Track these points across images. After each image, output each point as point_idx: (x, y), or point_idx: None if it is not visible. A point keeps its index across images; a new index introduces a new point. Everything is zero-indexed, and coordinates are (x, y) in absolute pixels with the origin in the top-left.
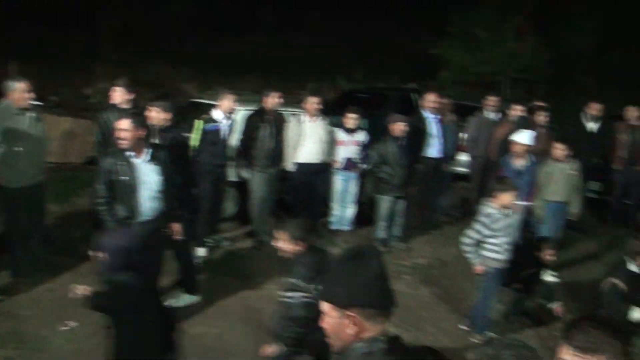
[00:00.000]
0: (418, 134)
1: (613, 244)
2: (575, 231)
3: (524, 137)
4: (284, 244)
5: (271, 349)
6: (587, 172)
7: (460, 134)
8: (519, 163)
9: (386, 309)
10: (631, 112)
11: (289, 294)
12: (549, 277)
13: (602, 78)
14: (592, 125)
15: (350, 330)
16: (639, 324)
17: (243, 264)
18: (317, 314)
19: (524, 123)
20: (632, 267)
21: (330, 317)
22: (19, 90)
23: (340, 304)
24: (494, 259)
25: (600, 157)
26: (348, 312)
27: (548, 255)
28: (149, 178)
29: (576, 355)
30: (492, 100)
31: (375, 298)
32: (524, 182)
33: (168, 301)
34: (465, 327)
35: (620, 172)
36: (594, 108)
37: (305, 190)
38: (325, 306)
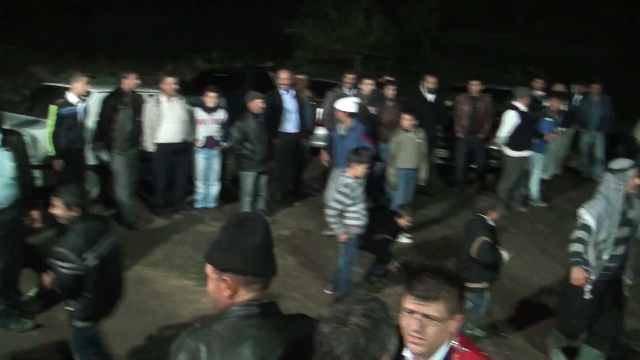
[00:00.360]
0: (275, 110)
1: (459, 205)
2: (425, 195)
3: (345, 105)
4: (58, 210)
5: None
6: (434, 140)
7: (318, 109)
8: (342, 128)
9: (264, 277)
10: (473, 86)
11: (58, 263)
12: (404, 239)
13: (443, 53)
14: (430, 97)
15: (225, 293)
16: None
17: None
18: (86, 285)
19: (375, 96)
20: (489, 222)
21: (211, 279)
22: None
23: (218, 267)
24: (355, 226)
25: (444, 126)
26: (224, 276)
27: (405, 221)
28: (1, 164)
29: (417, 303)
30: (349, 78)
31: (252, 265)
32: (346, 146)
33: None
34: (329, 291)
35: (463, 140)
36: (430, 81)
37: (168, 170)
38: (207, 268)
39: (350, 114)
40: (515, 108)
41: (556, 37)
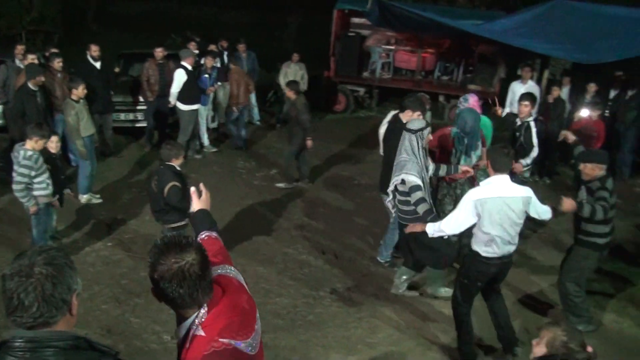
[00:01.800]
0: None
1: (146, 162)
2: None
3: None
4: None
5: None
6: (111, 104)
7: None
8: None
9: None
10: (158, 52)
11: None
12: (94, 199)
13: (109, 23)
14: (96, 64)
15: None
16: None
17: None
18: None
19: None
20: (176, 167)
21: None
22: None
23: None
24: (43, 195)
25: (129, 91)
26: None
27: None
28: None
29: None
30: (19, 49)
31: None
32: None
33: None
34: None
35: (153, 103)
36: (93, 49)
37: None
38: None
39: None
40: (184, 67)
41: (206, 4)
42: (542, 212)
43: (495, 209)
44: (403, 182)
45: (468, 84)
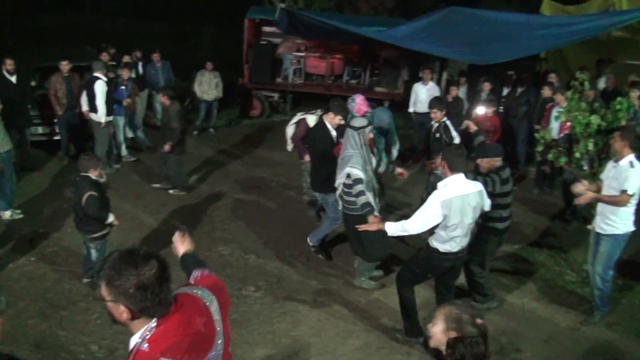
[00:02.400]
0: None
1: (63, 174)
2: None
3: None
4: None
5: None
6: (28, 119)
7: None
8: None
9: None
10: (64, 66)
11: None
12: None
13: (26, 36)
14: (12, 78)
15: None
16: None
17: None
18: None
19: None
20: (93, 178)
21: None
22: None
23: None
24: None
25: (40, 105)
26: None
27: None
28: None
29: None
30: None
31: None
32: None
33: None
34: None
35: (62, 116)
36: (8, 63)
37: None
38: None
39: None
40: (99, 79)
41: (121, 15)
42: (488, 204)
43: (459, 207)
44: (348, 175)
45: (375, 86)
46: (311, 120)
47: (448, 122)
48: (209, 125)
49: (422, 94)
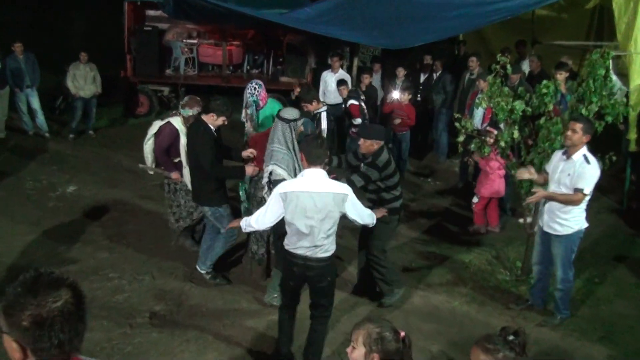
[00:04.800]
0: None
1: None
2: None
3: None
4: None
5: None
6: None
7: None
8: None
9: None
10: None
11: None
12: None
13: None
14: None
15: None
16: None
17: None
18: None
19: None
20: None
21: None
22: None
23: None
24: None
25: None
26: None
27: None
28: None
29: None
30: None
31: None
32: None
33: None
34: None
35: None
36: None
37: None
38: None
39: None
40: None
41: None
42: (365, 215)
43: (296, 203)
44: (271, 173)
45: (279, 75)
46: (177, 122)
47: (323, 114)
48: (88, 127)
49: (332, 83)
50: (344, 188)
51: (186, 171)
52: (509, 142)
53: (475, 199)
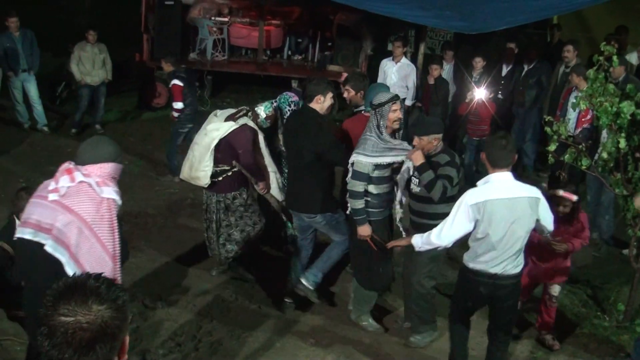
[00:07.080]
0: None
1: None
2: None
3: None
4: None
5: None
6: None
7: None
8: None
9: None
10: None
11: None
12: None
13: None
14: None
15: None
16: None
17: None
18: None
19: None
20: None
21: None
22: None
23: None
24: None
25: None
26: None
27: None
28: None
29: None
30: None
31: None
32: None
33: None
34: None
35: None
36: None
37: None
38: None
39: None
40: None
41: None
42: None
43: (497, 212)
44: (352, 164)
45: (327, 63)
46: (251, 122)
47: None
48: (95, 120)
49: (393, 75)
50: (534, 191)
51: (272, 177)
52: (613, 154)
53: None
